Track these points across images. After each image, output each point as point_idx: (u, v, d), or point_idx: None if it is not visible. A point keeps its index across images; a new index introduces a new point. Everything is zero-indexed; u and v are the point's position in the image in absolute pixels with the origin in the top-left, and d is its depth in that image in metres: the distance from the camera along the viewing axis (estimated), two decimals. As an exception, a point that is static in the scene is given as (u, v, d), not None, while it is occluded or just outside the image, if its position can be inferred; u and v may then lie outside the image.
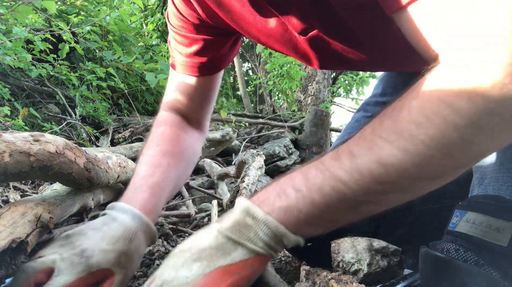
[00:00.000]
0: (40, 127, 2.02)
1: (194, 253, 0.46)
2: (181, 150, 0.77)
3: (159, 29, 6.63)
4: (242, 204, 0.47)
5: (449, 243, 0.54)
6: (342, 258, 0.72)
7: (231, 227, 0.46)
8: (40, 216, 0.71)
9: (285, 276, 0.89)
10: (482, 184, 0.57)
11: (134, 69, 2.86)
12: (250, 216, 0.46)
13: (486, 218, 0.51)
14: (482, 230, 0.50)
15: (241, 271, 0.45)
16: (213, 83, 0.81)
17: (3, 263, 0.60)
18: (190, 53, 0.75)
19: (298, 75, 3.45)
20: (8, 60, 1.82)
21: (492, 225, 0.50)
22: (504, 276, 0.47)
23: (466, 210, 0.55)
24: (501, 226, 0.49)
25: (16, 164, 0.61)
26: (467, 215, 0.54)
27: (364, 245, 0.71)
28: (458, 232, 0.53)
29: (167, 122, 0.80)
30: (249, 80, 7.48)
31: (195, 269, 0.44)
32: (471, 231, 0.52)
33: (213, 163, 1.97)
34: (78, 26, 2.53)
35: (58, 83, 2.58)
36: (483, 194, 0.56)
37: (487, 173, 0.58)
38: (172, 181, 0.71)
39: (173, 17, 0.75)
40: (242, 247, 0.45)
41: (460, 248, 0.52)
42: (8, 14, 1.91)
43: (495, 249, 0.48)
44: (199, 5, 0.66)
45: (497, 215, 0.50)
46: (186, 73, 0.78)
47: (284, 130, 3.21)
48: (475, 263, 0.49)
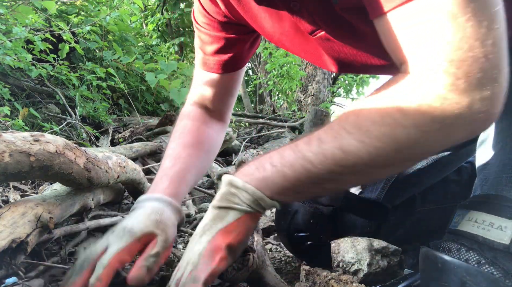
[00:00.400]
0: (40, 127, 2.02)
1: (199, 231, 0.55)
2: (201, 141, 0.82)
3: (159, 29, 6.62)
4: (226, 179, 0.57)
5: (451, 242, 0.54)
6: (342, 258, 0.72)
7: (219, 199, 0.56)
8: (40, 216, 0.71)
9: (285, 276, 0.89)
10: (485, 185, 0.57)
11: (134, 69, 2.87)
12: (233, 186, 0.55)
13: (488, 216, 0.51)
14: (485, 228, 0.51)
15: (236, 228, 0.54)
16: (234, 79, 0.86)
17: (3, 263, 0.60)
18: (214, 51, 0.80)
19: (298, 75, 3.45)
20: (8, 60, 1.82)
21: (494, 223, 0.50)
22: (505, 274, 0.47)
23: (468, 209, 0.55)
24: (503, 224, 0.49)
25: (16, 164, 0.61)
26: (469, 214, 0.54)
27: (364, 245, 0.71)
28: (460, 230, 0.53)
29: (189, 116, 0.85)
30: (249, 80, 7.48)
31: (203, 241, 0.53)
32: (473, 229, 0.52)
33: (213, 163, 1.97)
34: (78, 26, 2.53)
35: (58, 83, 2.58)
36: (486, 194, 0.56)
37: (491, 174, 0.58)
38: (192, 169, 0.77)
39: (199, 15, 0.78)
40: (232, 210, 0.55)
41: (462, 247, 0.52)
42: (8, 14, 1.91)
43: (497, 247, 0.48)
44: (222, 1, 0.71)
45: (499, 214, 0.50)
46: (210, 71, 0.83)
47: (284, 130, 3.21)
48: (476, 262, 0.49)
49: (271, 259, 1.02)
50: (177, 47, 6.18)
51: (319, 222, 0.83)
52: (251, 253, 0.66)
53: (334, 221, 0.85)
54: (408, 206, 0.87)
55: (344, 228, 0.86)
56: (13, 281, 0.71)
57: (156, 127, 2.45)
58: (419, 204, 0.88)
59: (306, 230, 0.83)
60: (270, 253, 1.09)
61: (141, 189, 1.25)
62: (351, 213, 0.85)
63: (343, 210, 0.85)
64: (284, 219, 0.86)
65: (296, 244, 0.84)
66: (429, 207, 0.88)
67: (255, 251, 0.69)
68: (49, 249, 0.94)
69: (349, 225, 0.85)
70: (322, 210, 0.85)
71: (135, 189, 1.23)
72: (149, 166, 1.71)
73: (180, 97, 2.42)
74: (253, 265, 0.65)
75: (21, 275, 0.69)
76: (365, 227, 0.85)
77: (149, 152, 1.91)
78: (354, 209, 0.85)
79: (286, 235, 0.84)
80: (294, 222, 0.83)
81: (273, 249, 1.14)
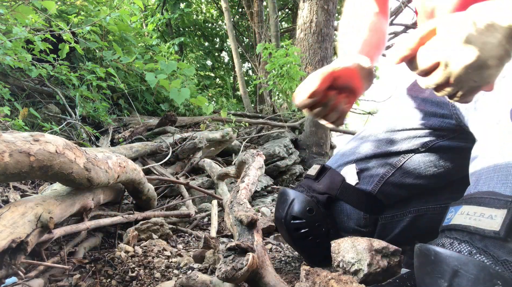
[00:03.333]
0: (40, 127, 2.02)
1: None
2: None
3: (159, 29, 6.62)
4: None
5: (444, 238, 0.55)
6: (342, 258, 0.72)
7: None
8: (40, 216, 0.71)
9: (285, 276, 0.89)
10: (477, 185, 0.58)
11: (134, 69, 2.86)
12: None
13: (480, 208, 0.53)
14: (476, 219, 0.52)
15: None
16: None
17: (3, 263, 0.60)
18: None
19: (298, 75, 3.44)
20: (8, 60, 1.82)
21: (485, 213, 0.51)
22: (495, 262, 0.48)
23: (460, 204, 0.57)
24: (493, 214, 0.50)
25: (16, 164, 0.61)
26: (461, 208, 0.55)
27: (364, 245, 0.71)
28: (453, 224, 0.54)
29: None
30: (249, 80, 7.48)
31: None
32: (465, 221, 0.53)
33: (213, 163, 1.97)
34: (78, 26, 2.53)
35: (58, 83, 2.58)
36: (477, 191, 0.57)
37: (482, 174, 0.59)
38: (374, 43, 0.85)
39: None
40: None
41: (454, 241, 0.53)
42: (8, 14, 1.91)
43: (488, 234, 0.49)
44: None
45: (489, 206, 0.52)
46: None
47: (284, 130, 3.20)
48: (468, 253, 0.50)
49: (271, 259, 1.02)
50: (177, 47, 6.18)
51: (315, 209, 0.85)
52: (251, 253, 0.66)
53: (330, 210, 0.87)
54: (404, 205, 0.88)
55: (339, 217, 0.87)
56: (13, 281, 0.71)
57: (156, 127, 2.45)
58: (415, 204, 0.89)
59: (302, 217, 0.84)
60: (270, 253, 1.09)
61: (141, 189, 1.25)
62: (346, 202, 0.86)
63: (339, 198, 0.87)
64: (282, 207, 0.88)
65: (292, 230, 0.85)
66: (426, 207, 0.88)
67: (255, 251, 0.69)
68: (49, 249, 0.94)
69: (344, 215, 0.87)
70: (318, 198, 0.87)
71: (135, 189, 1.24)
72: (149, 166, 1.71)
73: (180, 97, 2.42)
74: (253, 265, 0.65)
75: (21, 275, 0.69)
76: (360, 219, 0.86)
77: (149, 152, 1.92)
78: (349, 198, 0.86)
79: (284, 223, 0.86)
80: (291, 209, 0.86)
81: (273, 249, 1.14)
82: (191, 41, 7.48)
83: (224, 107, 4.18)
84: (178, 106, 3.42)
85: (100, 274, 0.86)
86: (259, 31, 5.70)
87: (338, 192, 0.87)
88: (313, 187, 0.89)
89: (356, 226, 0.87)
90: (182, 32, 7.33)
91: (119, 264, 0.90)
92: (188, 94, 2.44)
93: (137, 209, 1.32)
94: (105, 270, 0.88)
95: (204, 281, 0.76)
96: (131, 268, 0.88)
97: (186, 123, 3.02)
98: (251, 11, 6.07)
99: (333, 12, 3.61)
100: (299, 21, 3.70)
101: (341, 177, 0.88)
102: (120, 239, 1.12)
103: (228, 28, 5.00)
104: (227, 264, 0.64)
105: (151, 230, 1.14)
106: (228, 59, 8.57)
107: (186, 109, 3.61)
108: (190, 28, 7.66)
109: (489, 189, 0.55)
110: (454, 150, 0.82)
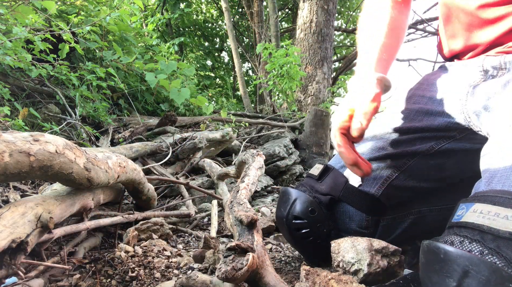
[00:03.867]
0: (40, 127, 2.02)
1: None
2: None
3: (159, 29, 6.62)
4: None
5: (453, 235, 0.53)
6: (342, 258, 0.72)
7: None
8: (40, 216, 0.71)
9: (285, 276, 0.89)
10: (491, 183, 0.57)
11: (134, 69, 2.87)
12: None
13: (495, 207, 0.51)
14: (490, 218, 0.50)
15: None
16: None
17: (3, 263, 0.60)
18: None
19: (298, 75, 3.44)
20: (8, 60, 1.82)
21: (500, 213, 0.50)
22: (508, 264, 0.46)
23: (473, 202, 0.55)
24: (509, 214, 0.49)
25: (16, 164, 0.61)
26: (474, 206, 0.54)
27: (364, 245, 0.71)
28: (464, 222, 0.53)
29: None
30: (249, 80, 7.48)
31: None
32: (478, 219, 0.51)
33: (213, 163, 1.97)
34: (78, 26, 2.53)
35: (58, 83, 2.58)
36: (491, 189, 0.55)
37: (498, 172, 0.58)
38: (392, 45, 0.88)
39: None
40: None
41: (464, 240, 0.51)
42: (8, 14, 1.91)
43: (502, 235, 0.48)
44: None
45: (505, 205, 0.50)
46: None
47: (284, 130, 3.20)
48: (479, 253, 0.49)
49: (271, 259, 1.02)
50: (177, 47, 6.18)
51: (317, 210, 0.84)
52: (251, 253, 0.66)
53: (332, 211, 0.87)
54: (406, 206, 0.88)
55: (341, 219, 0.87)
56: (13, 281, 0.71)
57: (156, 127, 2.45)
58: (417, 206, 0.88)
59: (304, 217, 0.84)
60: (270, 253, 1.09)
61: (141, 189, 1.25)
62: (349, 204, 0.86)
63: (342, 200, 0.86)
64: (284, 206, 0.87)
65: (294, 230, 0.85)
66: (428, 208, 0.88)
67: (255, 251, 0.69)
68: (49, 249, 0.94)
69: (346, 216, 0.86)
70: (320, 198, 0.86)
71: (135, 189, 1.24)
72: (149, 166, 1.71)
73: (180, 97, 2.42)
74: (253, 265, 0.65)
75: (21, 275, 0.69)
76: (362, 221, 0.86)
77: (149, 152, 1.92)
78: (351, 200, 0.85)
79: (285, 222, 0.86)
80: (293, 209, 0.85)
81: (273, 249, 1.14)
82: (191, 41, 7.49)
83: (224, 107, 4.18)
84: (178, 106, 3.42)
85: (100, 274, 0.86)
86: (259, 31, 5.70)
87: (341, 194, 0.86)
88: (315, 187, 0.88)
89: (358, 228, 0.86)
90: (182, 32, 7.34)
91: (119, 264, 0.90)
92: (188, 94, 2.45)
93: (137, 209, 1.32)
94: (105, 270, 0.88)
95: (204, 281, 0.76)
96: (131, 268, 0.88)
97: (186, 123, 3.02)
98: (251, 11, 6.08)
99: (333, 12, 3.61)
100: (299, 21, 3.70)
101: (344, 178, 0.87)
102: (120, 239, 1.12)
103: (228, 28, 5.00)
104: (227, 264, 0.63)
105: (151, 230, 1.14)
106: (228, 59, 8.57)
107: (186, 109, 3.61)
108: (190, 28, 7.67)
109: (504, 188, 0.53)
110: (459, 153, 0.82)
